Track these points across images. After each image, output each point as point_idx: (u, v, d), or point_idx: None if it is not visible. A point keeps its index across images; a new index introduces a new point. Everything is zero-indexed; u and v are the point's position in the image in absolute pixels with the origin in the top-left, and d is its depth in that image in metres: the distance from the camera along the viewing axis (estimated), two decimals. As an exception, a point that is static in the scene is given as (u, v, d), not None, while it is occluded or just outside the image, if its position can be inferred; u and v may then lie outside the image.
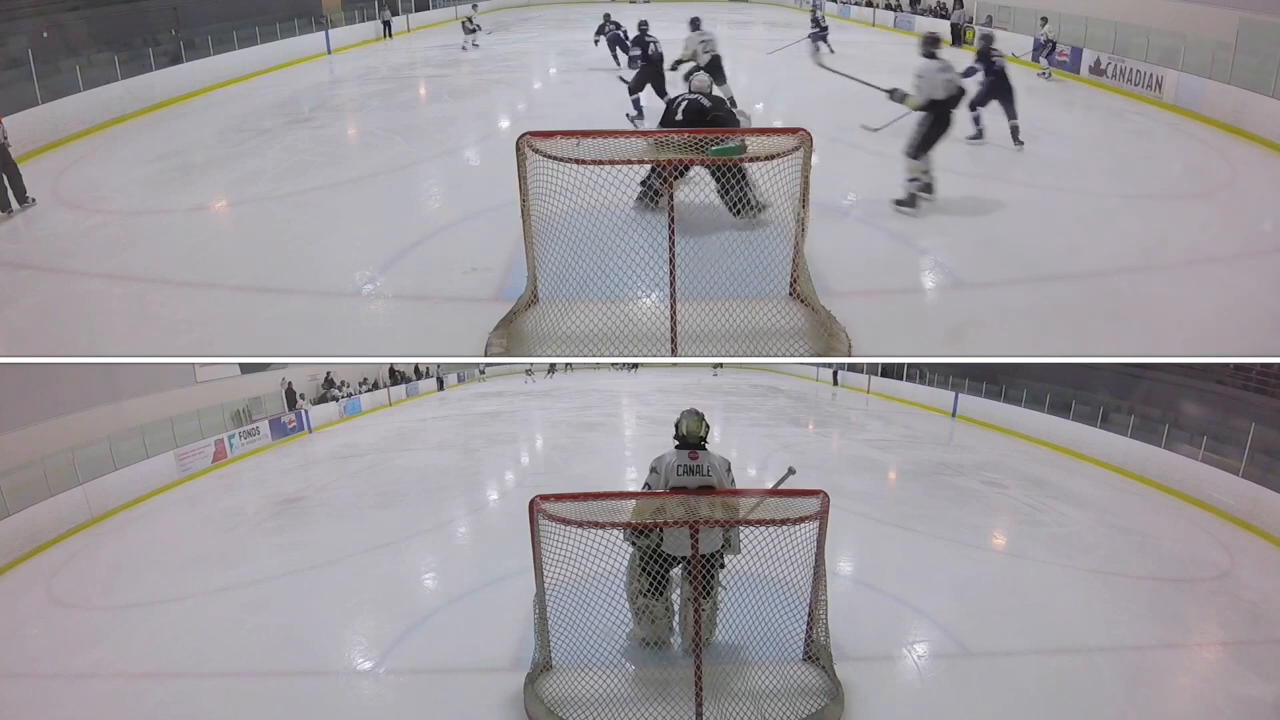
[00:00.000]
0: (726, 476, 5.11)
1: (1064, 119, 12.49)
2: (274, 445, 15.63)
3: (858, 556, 7.77)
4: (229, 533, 9.67)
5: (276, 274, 6.65)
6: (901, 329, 5.89)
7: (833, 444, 15.48)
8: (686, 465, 5.04)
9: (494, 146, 10.24)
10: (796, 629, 5.38)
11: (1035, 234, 7.40)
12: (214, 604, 7.19)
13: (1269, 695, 5.56)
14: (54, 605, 7.59)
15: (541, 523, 4.82)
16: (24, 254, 7.34)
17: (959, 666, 5.74)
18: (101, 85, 12.50)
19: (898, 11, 23.96)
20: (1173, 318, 6.10)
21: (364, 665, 5.92)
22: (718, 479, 5.06)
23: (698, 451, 5.09)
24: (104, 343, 6.01)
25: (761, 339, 5.41)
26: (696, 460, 5.05)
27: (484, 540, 9.11)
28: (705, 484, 4.99)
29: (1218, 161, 10.17)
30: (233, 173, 9.49)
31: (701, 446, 5.12)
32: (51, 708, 5.51)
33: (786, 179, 5.37)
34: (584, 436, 15.70)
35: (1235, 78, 12.16)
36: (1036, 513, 10.01)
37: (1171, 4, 15.05)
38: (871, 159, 9.80)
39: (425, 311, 6.17)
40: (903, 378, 20.12)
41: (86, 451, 11.11)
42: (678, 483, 5.01)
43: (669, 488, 5.00)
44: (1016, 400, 15.51)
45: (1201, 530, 9.69)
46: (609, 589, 5.11)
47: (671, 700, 4.84)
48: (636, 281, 5.55)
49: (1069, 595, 7.16)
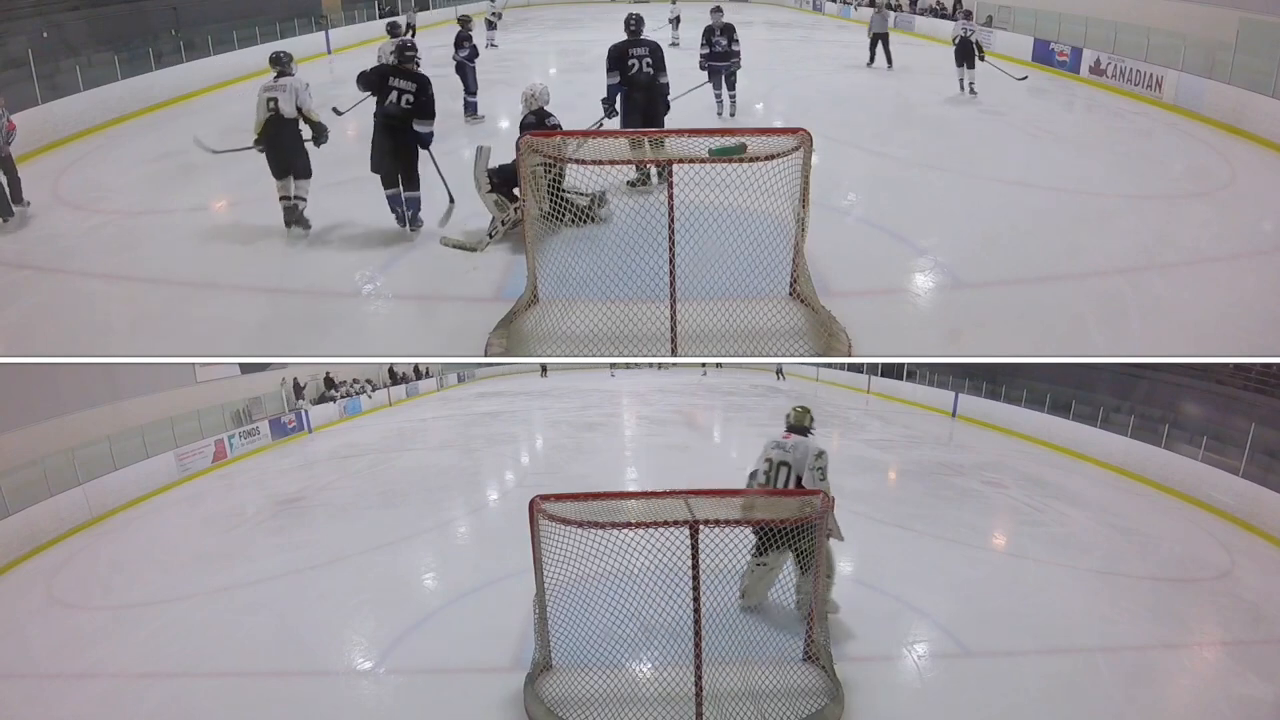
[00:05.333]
0: (810, 461, 5.72)
1: (1064, 119, 12.50)
2: (274, 445, 15.63)
3: (858, 556, 7.77)
4: (229, 533, 9.67)
5: (276, 274, 6.65)
6: (901, 329, 5.89)
7: (833, 444, 15.47)
8: (778, 443, 5.91)
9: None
10: (796, 629, 5.38)
11: (1035, 234, 7.40)
12: (214, 604, 7.19)
13: (1269, 695, 5.56)
14: (54, 605, 7.59)
15: (541, 523, 4.82)
16: (24, 254, 7.33)
17: (959, 666, 5.74)
18: (101, 85, 12.49)
19: (898, 11, 23.96)
20: (1173, 318, 6.10)
21: (364, 665, 5.92)
22: (796, 460, 5.76)
23: (791, 434, 5.91)
24: (104, 343, 6.01)
25: (761, 339, 5.41)
26: (789, 440, 5.87)
27: (484, 540, 9.12)
28: (784, 460, 5.80)
29: (1218, 161, 10.16)
30: (233, 173, 9.46)
31: (801, 432, 5.90)
32: (51, 708, 5.51)
33: (786, 179, 5.37)
34: (584, 436, 15.69)
35: (1235, 78, 12.15)
36: (1036, 513, 10.00)
37: (1171, 4, 15.05)
38: (872, 159, 9.82)
39: (425, 311, 6.17)
40: (903, 378, 20.11)
41: (86, 451, 11.11)
42: (767, 455, 5.90)
43: (762, 459, 5.95)
44: (1016, 400, 15.50)
45: (1201, 530, 9.69)
46: (609, 589, 5.11)
47: (672, 700, 4.84)
48: (636, 281, 5.55)
49: (1069, 595, 7.16)
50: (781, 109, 12.52)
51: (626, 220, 6.01)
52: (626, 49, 7.67)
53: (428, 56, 10.23)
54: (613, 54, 7.69)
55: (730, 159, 5.25)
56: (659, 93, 7.80)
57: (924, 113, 12.25)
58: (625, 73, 7.64)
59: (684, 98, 9.20)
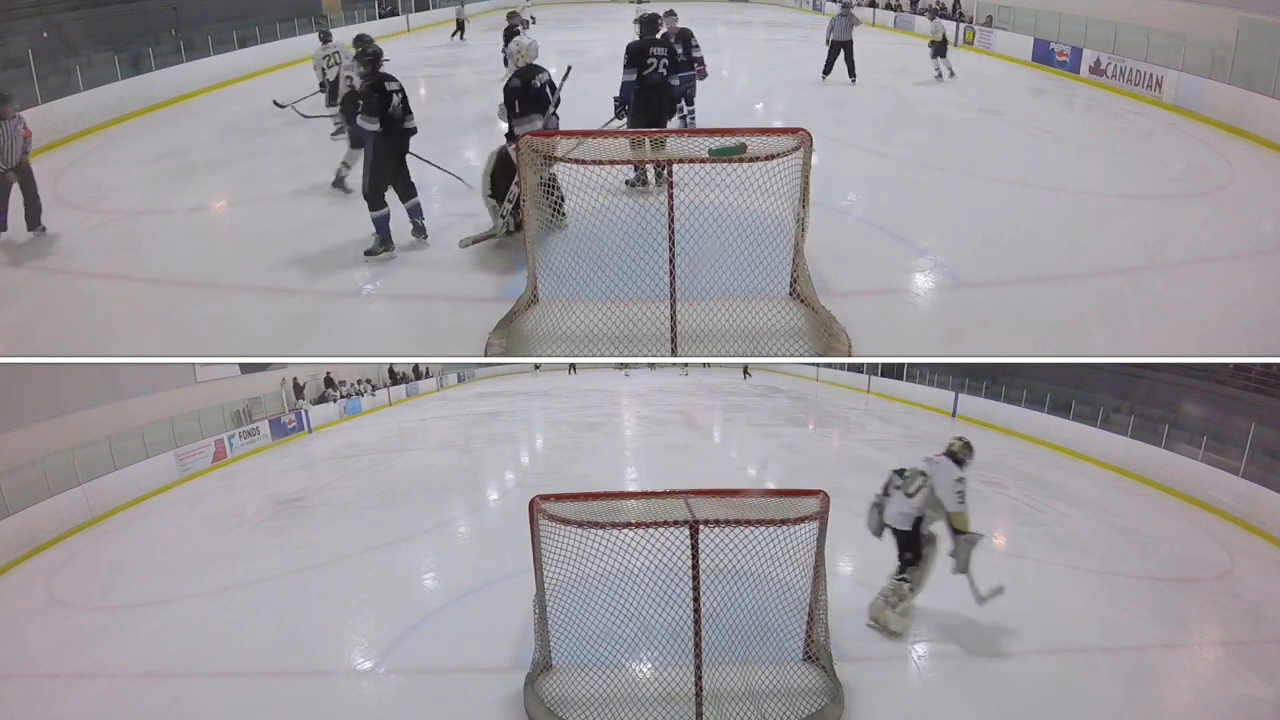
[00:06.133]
0: (951, 483, 5.86)
1: (1064, 119, 12.49)
2: (274, 445, 15.63)
3: (858, 556, 7.76)
4: (229, 533, 9.68)
5: (276, 274, 6.65)
6: (901, 329, 5.89)
7: (833, 444, 15.48)
8: (929, 458, 6.12)
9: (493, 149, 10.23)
10: (796, 629, 5.38)
11: (1035, 234, 7.40)
12: (214, 604, 7.19)
13: (1269, 695, 5.56)
14: (54, 605, 7.59)
15: (541, 523, 4.82)
16: (24, 254, 7.33)
17: (959, 666, 5.74)
18: (101, 85, 12.49)
19: (898, 11, 23.98)
20: (1173, 318, 6.10)
21: (364, 665, 5.93)
22: (936, 475, 5.95)
23: (944, 457, 6.07)
24: (104, 343, 6.01)
25: (761, 339, 5.41)
26: (938, 458, 6.07)
27: (484, 540, 9.12)
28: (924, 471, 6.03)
29: (1218, 161, 10.16)
30: (233, 173, 9.48)
31: (953, 458, 6.04)
32: (51, 708, 5.51)
33: (786, 179, 5.37)
34: (584, 436, 15.69)
35: (1235, 78, 12.16)
36: (1036, 513, 10.00)
37: (1171, 4, 15.05)
38: (872, 159, 9.82)
39: (425, 311, 6.17)
40: (903, 378, 20.11)
41: (86, 451, 11.11)
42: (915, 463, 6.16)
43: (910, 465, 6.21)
44: (1016, 400, 15.50)
45: (1201, 530, 9.68)
46: (609, 589, 5.11)
47: (672, 700, 4.84)
48: (636, 281, 5.55)
49: (1069, 595, 7.16)
50: (781, 109, 12.52)
51: (626, 220, 6.01)
52: (647, 47, 7.57)
53: (428, 56, 10.28)
54: (632, 51, 7.55)
55: (730, 159, 5.25)
56: (668, 94, 7.75)
57: (924, 113, 12.25)
58: (641, 71, 7.54)
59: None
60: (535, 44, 7.08)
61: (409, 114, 6.76)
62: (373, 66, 6.69)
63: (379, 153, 6.61)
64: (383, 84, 6.58)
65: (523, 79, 6.94)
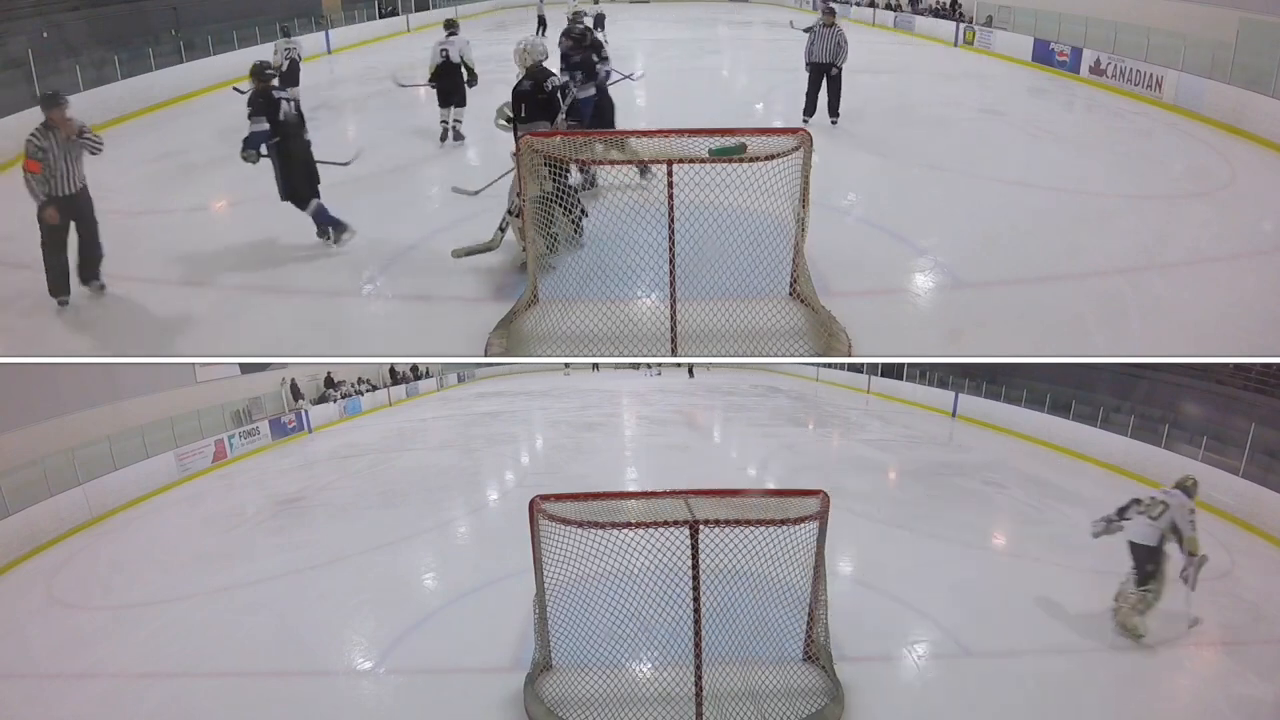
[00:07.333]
0: (1186, 514, 6.19)
1: (1064, 119, 12.50)
2: (274, 445, 15.62)
3: (858, 556, 7.77)
4: (229, 533, 9.68)
5: (276, 274, 6.65)
6: (901, 329, 5.89)
7: (833, 444, 15.47)
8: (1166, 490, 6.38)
9: (494, 148, 10.22)
10: (796, 629, 5.38)
11: (1035, 234, 7.40)
12: (214, 604, 7.19)
13: (1269, 695, 5.56)
14: (54, 605, 7.59)
15: (541, 523, 4.83)
16: (24, 254, 7.32)
17: (959, 666, 5.75)
18: (101, 85, 12.50)
19: (898, 11, 23.97)
20: (1173, 318, 6.11)
21: (364, 665, 5.93)
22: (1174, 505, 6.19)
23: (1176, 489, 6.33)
24: (104, 343, 6.02)
25: (761, 339, 5.41)
26: (1173, 491, 6.33)
27: (484, 540, 9.12)
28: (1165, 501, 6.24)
29: (1218, 161, 10.16)
30: (233, 173, 9.45)
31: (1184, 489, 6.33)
32: (51, 708, 5.52)
33: (786, 179, 5.37)
34: (584, 436, 15.68)
35: (1235, 78, 12.15)
36: (1036, 513, 10.00)
37: (1171, 4, 15.05)
38: (872, 159, 9.82)
39: (425, 311, 6.18)
40: (903, 378, 20.10)
41: (86, 451, 11.11)
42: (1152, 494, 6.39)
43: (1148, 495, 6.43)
44: (1016, 400, 15.48)
45: (1201, 530, 9.65)
46: (609, 589, 5.11)
47: (672, 700, 4.84)
48: (636, 281, 5.55)
49: (1069, 595, 7.15)
50: (781, 109, 12.50)
51: (626, 220, 6.01)
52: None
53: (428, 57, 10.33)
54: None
55: (730, 159, 5.26)
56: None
57: (924, 113, 12.24)
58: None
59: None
60: (541, 44, 6.63)
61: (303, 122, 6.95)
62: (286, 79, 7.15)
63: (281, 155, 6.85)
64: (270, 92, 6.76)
65: (534, 81, 6.52)
